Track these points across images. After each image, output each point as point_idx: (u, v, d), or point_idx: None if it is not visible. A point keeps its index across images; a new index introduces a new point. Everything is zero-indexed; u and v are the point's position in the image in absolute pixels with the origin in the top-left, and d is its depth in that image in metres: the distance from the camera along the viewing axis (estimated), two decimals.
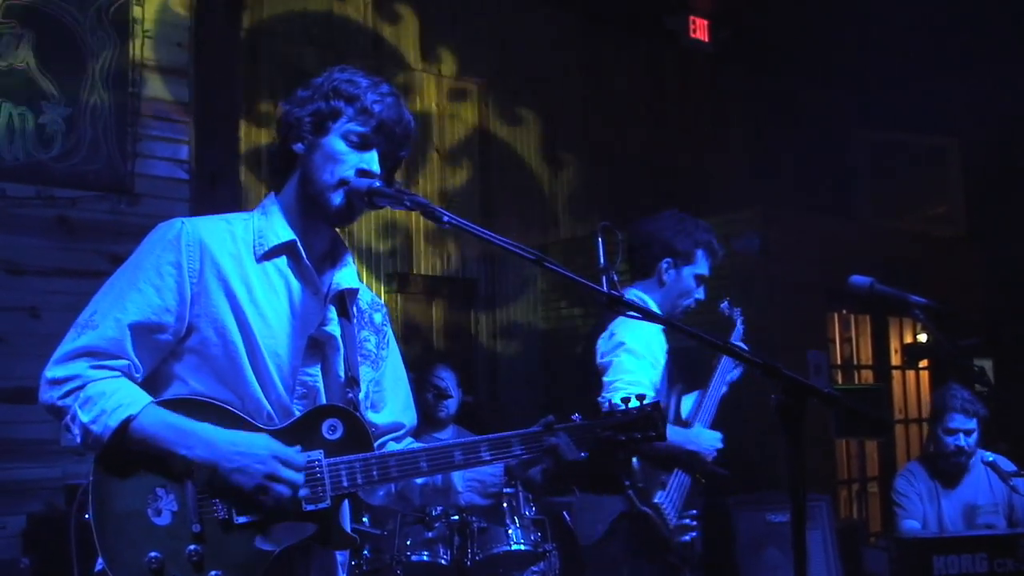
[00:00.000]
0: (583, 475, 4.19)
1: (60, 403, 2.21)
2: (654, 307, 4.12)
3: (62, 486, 5.41)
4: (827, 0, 8.44)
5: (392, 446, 2.55)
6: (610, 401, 2.46)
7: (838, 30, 8.91)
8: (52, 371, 2.24)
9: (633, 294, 4.16)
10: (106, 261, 5.84)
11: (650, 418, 2.44)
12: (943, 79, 8.98)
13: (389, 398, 2.60)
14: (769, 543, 6.03)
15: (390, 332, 2.65)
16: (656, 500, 3.88)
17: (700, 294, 4.22)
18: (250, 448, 2.19)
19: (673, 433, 3.94)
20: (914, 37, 8.55)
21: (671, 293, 4.17)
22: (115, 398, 2.18)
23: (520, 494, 5.20)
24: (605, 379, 3.90)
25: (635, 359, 3.87)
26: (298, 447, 2.26)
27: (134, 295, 2.27)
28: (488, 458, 2.36)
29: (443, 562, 5.02)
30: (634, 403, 2.45)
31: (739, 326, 4.65)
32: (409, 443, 2.60)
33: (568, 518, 5.76)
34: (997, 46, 8.63)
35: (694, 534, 3.96)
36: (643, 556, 3.92)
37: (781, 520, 5.98)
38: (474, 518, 5.07)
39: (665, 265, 4.15)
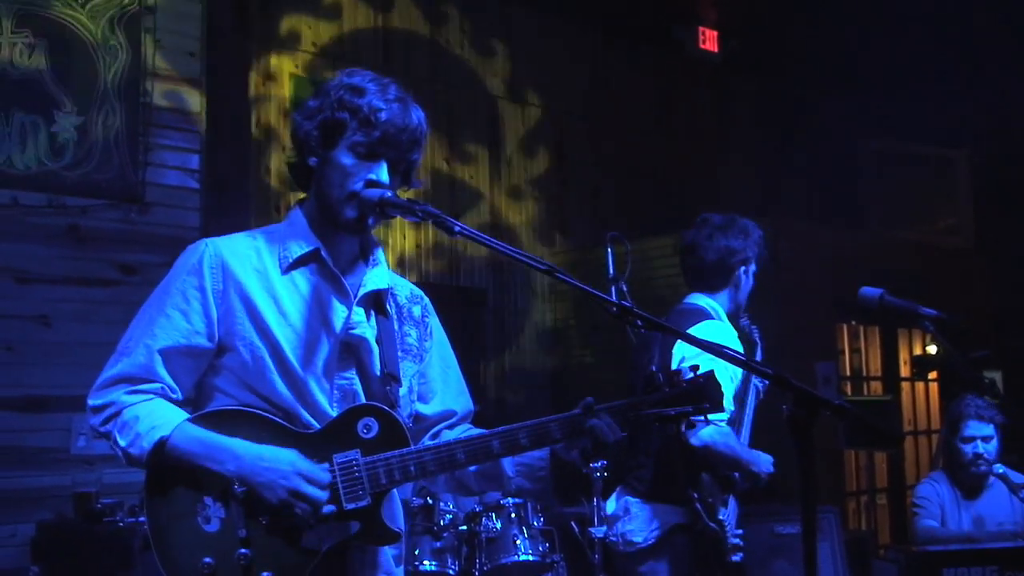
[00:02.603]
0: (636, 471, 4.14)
1: (102, 429, 2.34)
2: (723, 315, 4.15)
3: (72, 494, 5.41)
4: (836, 11, 8.44)
5: (446, 434, 2.58)
6: (655, 376, 2.41)
7: (847, 41, 8.91)
8: (93, 399, 2.36)
9: (704, 302, 4.16)
10: (116, 270, 5.86)
11: (703, 389, 2.38)
12: (952, 90, 8.97)
13: (438, 387, 2.63)
14: (777, 555, 6.01)
15: (433, 322, 2.67)
16: (721, 517, 3.89)
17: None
18: (275, 463, 2.25)
19: (746, 451, 3.96)
20: (923, 48, 8.54)
21: (741, 295, 4.25)
22: (148, 421, 2.28)
23: (528, 504, 5.20)
24: None
25: (718, 366, 3.82)
26: (333, 449, 2.30)
27: (163, 321, 2.36)
28: (526, 444, 2.35)
29: (451, 572, 5.02)
30: (687, 374, 2.40)
31: (759, 343, 4.65)
32: (465, 429, 2.62)
33: (575, 528, 5.75)
34: (1006, 57, 8.62)
35: (742, 555, 3.95)
36: (695, 571, 3.89)
37: (789, 532, 5.95)
38: (482, 528, 5.07)
39: (742, 271, 4.22)
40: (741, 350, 3.95)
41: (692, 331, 3.91)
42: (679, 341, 3.92)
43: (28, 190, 5.74)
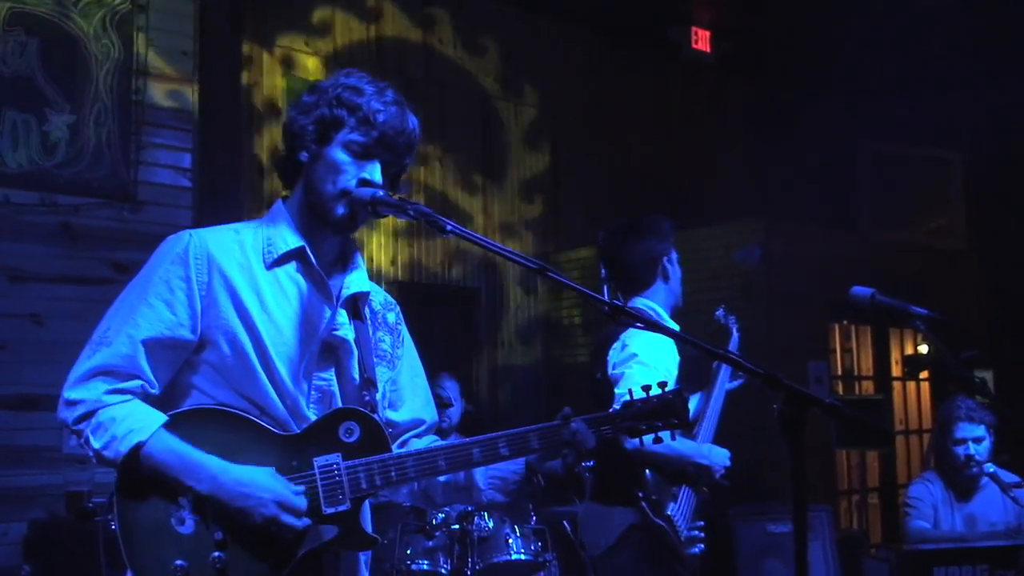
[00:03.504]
0: (597, 484, 4.20)
1: (75, 427, 2.26)
2: (664, 313, 4.18)
3: (64, 493, 5.40)
4: (830, 11, 8.45)
5: (414, 443, 2.56)
6: (631, 390, 2.46)
7: (841, 41, 8.93)
8: (69, 392, 2.28)
9: (642, 304, 4.19)
10: (109, 268, 5.86)
11: (672, 405, 2.44)
12: (946, 91, 8.99)
13: (407, 396, 2.61)
14: (770, 554, 6.03)
15: (404, 330, 2.66)
16: (668, 512, 3.90)
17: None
18: (254, 490, 2.21)
19: (686, 445, 3.97)
20: (918, 49, 8.56)
21: (674, 284, 4.28)
22: (125, 424, 2.21)
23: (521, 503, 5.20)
24: (617, 391, 3.89)
25: (648, 371, 3.86)
26: (313, 452, 2.28)
27: (145, 311, 2.29)
28: (506, 453, 2.34)
29: (443, 571, 5.02)
30: (655, 391, 2.44)
31: (735, 334, 4.69)
32: (431, 439, 2.60)
33: (568, 527, 5.76)
34: (1001, 59, 8.64)
35: (703, 546, 3.98)
36: (653, 568, 3.92)
37: (782, 531, 5.97)
38: (474, 527, 5.07)
39: (666, 261, 4.25)
40: (675, 351, 4.03)
41: (624, 337, 4.02)
42: (611, 349, 4.04)
43: (20, 188, 5.74)
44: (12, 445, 5.55)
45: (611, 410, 2.46)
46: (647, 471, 3.92)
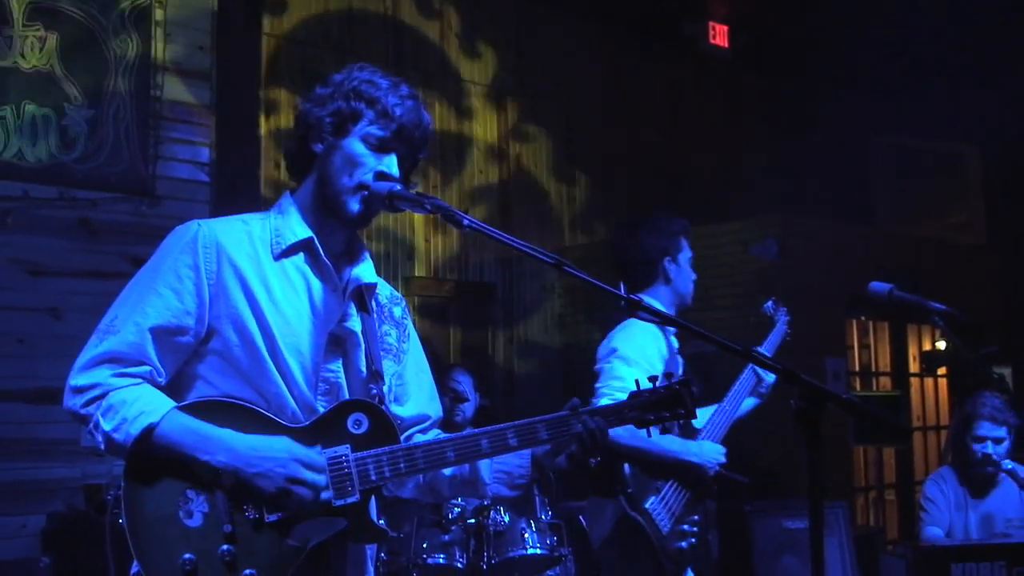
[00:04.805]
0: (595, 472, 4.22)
1: (83, 411, 2.22)
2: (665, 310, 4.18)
3: (82, 486, 5.44)
4: (847, 6, 8.42)
5: (419, 438, 2.54)
6: (638, 381, 2.46)
7: (858, 36, 8.89)
8: (75, 379, 2.25)
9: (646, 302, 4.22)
10: (127, 263, 5.88)
11: (678, 395, 2.42)
12: (964, 86, 8.94)
13: (412, 391, 2.60)
14: (786, 550, 6.02)
15: (410, 325, 2.65)
16: (647, 506, 3.91)
17: (694, 275, 4.38)
18: (271, 452, 2.20)
19: (671, 442, 3.97)
20: (934, 43, 8.52)
21: (679, 286, 4.30)
22: (136, 406, 2.19)
23: (536, 498, 5.21)
24: (596, 385, 4.00)
25: (626, 365, 3.95)
26: (322, 444, 2.26)
27: (154, 299, 2.28)
28: (515, 444, 2.34)
29: (459, 565, 5.03)
30: (662, 381, 2.44)
31: (781, 327, 4.68)
32: (436, 434, 2.59)
33: (583, 521, 5.77)
34: (1018, 54, 8.59)
35: (693, 540, 3.98)
36: (634, 560, 3.96)
37: (798, 527, 5.96)
38: (490, 521, 5.08)
39: (667, 262, 4.27)
40: (662, 346, 4.08)
41: (613, 332, 4.13)
42: (601, 345, 4.13)
43: (39, 183, 5.77)
44: (31, 438, 5.58)
45: (618, 402, 2.45)
46: (625, 465, 3.94)
